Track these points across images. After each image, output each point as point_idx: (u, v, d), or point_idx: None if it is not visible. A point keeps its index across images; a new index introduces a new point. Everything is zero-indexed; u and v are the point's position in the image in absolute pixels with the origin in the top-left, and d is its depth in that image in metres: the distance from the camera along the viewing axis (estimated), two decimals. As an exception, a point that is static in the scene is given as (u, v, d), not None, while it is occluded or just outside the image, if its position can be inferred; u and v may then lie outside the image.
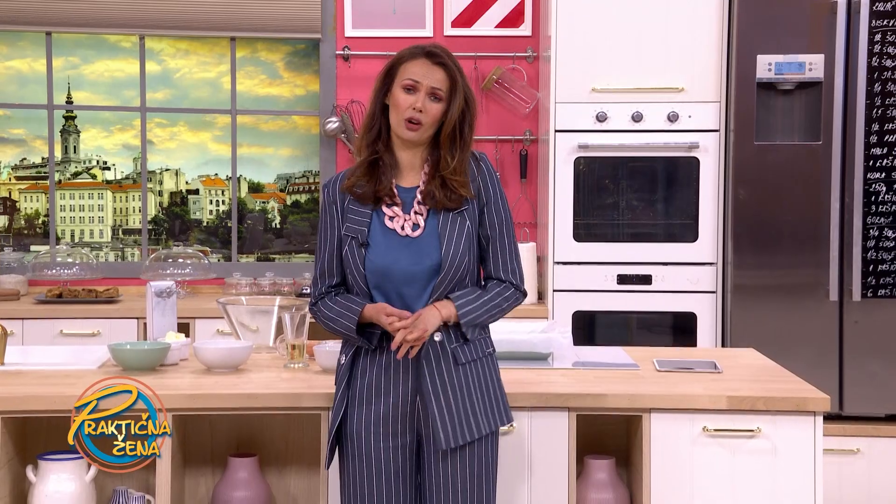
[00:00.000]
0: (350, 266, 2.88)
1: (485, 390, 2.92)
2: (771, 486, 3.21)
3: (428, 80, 2.85)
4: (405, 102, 2.85)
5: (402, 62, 2.89)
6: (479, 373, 2.92)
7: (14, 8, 5.59)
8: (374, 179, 2.89)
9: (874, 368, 4.88)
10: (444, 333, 2.86)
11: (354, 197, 2.91)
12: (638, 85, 5.01)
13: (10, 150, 5.89)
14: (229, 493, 3.36)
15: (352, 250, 2.88)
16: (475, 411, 2.89)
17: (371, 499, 2.88)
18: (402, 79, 2.86)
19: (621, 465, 3.47)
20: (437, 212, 2.88)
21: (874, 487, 4.84)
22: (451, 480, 2.87)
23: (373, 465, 2.88)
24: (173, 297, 3.85)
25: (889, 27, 4.83)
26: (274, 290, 5.42)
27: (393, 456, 2.88)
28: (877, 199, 4.87)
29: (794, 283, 4.92)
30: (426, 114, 2.85)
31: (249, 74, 5.87)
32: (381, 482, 2.88)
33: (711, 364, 3.64)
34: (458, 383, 2.88)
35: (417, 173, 2.93)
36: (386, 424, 2.88)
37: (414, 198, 2.90)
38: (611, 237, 5.09)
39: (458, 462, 2.87)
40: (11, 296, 5.29)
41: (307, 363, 3.58)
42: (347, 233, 2.89)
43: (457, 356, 2.88)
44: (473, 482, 2.88)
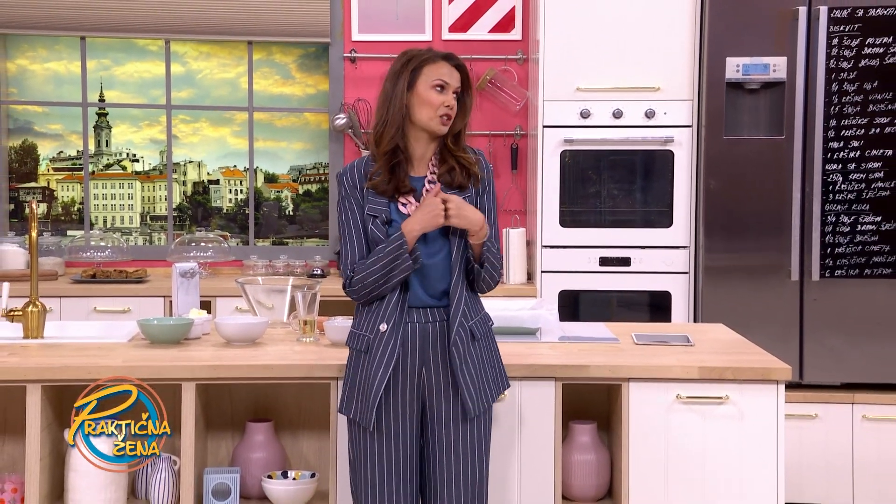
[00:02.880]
0: (377, 241, 2.87)
1: (494, 361, 2.97)
2: (738, 447, 3.21)
3: (453, 80, 2.89)
4: (438, 100, 2.87)
5: (426, 63, 2.90)
6: (487, 346, 2.95)
7: (52, 15, 5.58)
8: (395, 176, 2.89)
9: (831, 342, 4.88)
10: (463, 312, 2.87)
11: (377, 192, 2.90)
12: (618, 85, 4.99)
13: (49, 143, 5.87)
14: (247, 454, 3.36)
15: (377, 227, 2.87)
16: (488, 380, 2.92)
17: (378, 460, 2.88)
18: (432, 79, 2.87)
19: (602, 429, 3.47)
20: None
21: (830, 448, 4.85)
22: (453, 446, 2.88)
23: (385, 431, 2.87)
24: (196, 277, 3.84)
25: (845, 32, 4.82)
26: (287, 271, 5.42)
27: (405, 423, 2.88)
28: (834, 188, 4.87)
29: (760, 265, 4.91)
30: (453, 109, 2.90)
31: (265, 75, 5.85)
32: (390, 446, 2.87)
33: (684, 338, 3.64)
34: (476, 356, 2.90)
35: (425, 163, 2.95)
36: (402, 392, 2.87)
37: (423, 186, 2.91)
38: (593, 223, 5.08)
39: (458, 429, 2.87)
40: (50, 276, 5.28)
41: (318, 337, 3.57)
42: (371, 213, 2.89)
43: (474, 332, 2.90)
44: (471, 447, 2.89)
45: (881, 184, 4.85)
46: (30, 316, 3.58)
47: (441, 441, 2.88)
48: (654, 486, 3.22)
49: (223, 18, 5.63)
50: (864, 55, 4.82)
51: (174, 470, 3.25)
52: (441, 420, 2.88)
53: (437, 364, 2.87)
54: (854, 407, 4.85)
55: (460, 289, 2.87)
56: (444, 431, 2.88)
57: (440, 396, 2.88)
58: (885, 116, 4.83)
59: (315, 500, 3.30)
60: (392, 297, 2.86)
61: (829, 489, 4.86)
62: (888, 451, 4.83)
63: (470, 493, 2.88)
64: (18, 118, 5.84)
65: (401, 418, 2.87)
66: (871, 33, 4.82)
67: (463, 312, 2.87)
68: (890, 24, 4.80)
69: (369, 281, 2.85)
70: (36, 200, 5.11)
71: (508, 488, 3.21)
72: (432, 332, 2.87)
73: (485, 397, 2.89)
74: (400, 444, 2.87)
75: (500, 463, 3.19)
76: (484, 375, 2.91)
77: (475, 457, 2.90)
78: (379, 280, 2.83)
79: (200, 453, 3.27)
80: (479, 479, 2.91)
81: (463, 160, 2.91)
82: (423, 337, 2.87)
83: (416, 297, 2.87)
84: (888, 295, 4.87)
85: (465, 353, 2.86)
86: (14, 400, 3.28)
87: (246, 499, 3.32)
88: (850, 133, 4.85)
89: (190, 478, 3.17)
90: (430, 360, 2.88)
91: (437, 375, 2.87)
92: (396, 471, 2.88)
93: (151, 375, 3.14)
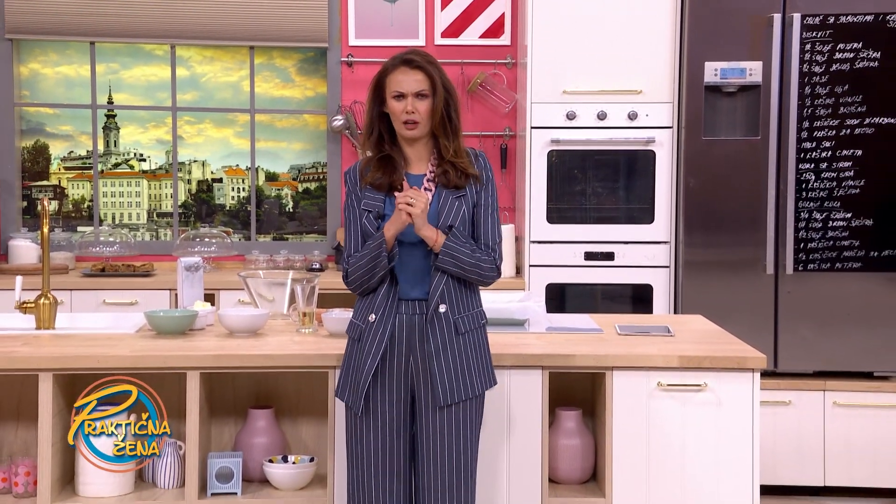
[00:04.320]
0: (370, 233, 2.88)
1: (479, 356, 2.93)
2: (715, 432, 3.21)
3: (411, 86, 2.86)
4: (398, 109, 2.88)
5: (387, 74, 2.90)
6: (474, 341, 2.92)
7: (63, 21, 5.57)
8: (388, 173, 2.90)
9: (804, 332, 4.89)
10: (448, 306, 2.86)
11: (373, 187, 2.91)
12: (602, 88, 4.99)
13: (60, 144, 5.85)
14: (249, 439, 3.35)
15: (370, 221, 2.89)
16: (470, 374, 2.89)
17: (371, 444, 2.88)
18: (391, 90, 2.88)
19: (587, 415, 3.47)
20: (440, 195, 2.89)
21: (802, 433, 4.86)
22: (440, 432, 2.87)
23: (374, 415, 2.87)
24: (200, 271, 3.83)
25: (817, 38, 4.82)
26: (287, 266, 5.41)
27: (393, 408, 2.88)
28: (807, 186, 4.87)
29: (736, 259, 4.92)
30: (418, 113, 2.87)
31: (266, 78, 5.84)
32: (382, 430, 2.88)
33: (665, 328, 3.64)
34: (457, 349, 2.88)
35: (425, 162, 2.95)
36: (390, 379, 2.87)
37: (422, 184, 2.91)
38: (579, 220, 5.07)
39: (448, 416, 2.87)
40: (61, 270, 5.27)
41: (316, 328, 3.57)
42: (365, 208, 2.90)
43: (458, 326, 2.88)
44: (459, 433, 2.88)
45: (851, 182, 4.86)
46: (42, 308, 3.58)
47: (429, 427, 2.88)
48: (636, 470, 3.22)
49: (226, 24, 5.63)
50: (835, 60, 4.83)
51: (179, 454, 3.24)
52: (428, 407, 2.87)
53: (422, 353, 2.87)
54: (825, 394, 4.86)
55: (443, 285, 2.86)
56: (430, 417, 2.87)
57: (426, 385, 2.88)
58: (855, 118, 4.84)
59: (314, 483, 3.30)
60: (381, 289, 2.87)
61: (801, 471, 4.87)
62: (857, 436, 4.84)
63: (458, 476, 2.88)
64: (31, 119, 5.82)
65: (388, 404, 2.88)
66: (842, 39, 4.82)
67: (447, 307, 2.86)
68: (860, 31, 4.81)
69: (358, 275, 2.88)
70: (48, 198, 5.09)
71: (498, 472, 3.21)
72: (419, 323, 2.87)
73: (462, 389, 2.86)
74: (388, 428, 2.88)
75: (490, 447, 3.19)
76: (465, 368, 2.88)
77: (463, 442, 2.89)
78: (364, 275, 2.86)
79: (205, 438, 3.27)
80: (467, 463, 2.90)
81: (458, 164, 2.89)
82: (411, 328, 2.87)
83: (404, 291, 2.89)
84: (858, 287, 4.88)
85: (442, 344, 2.85)
86: (27, 388, 3.27)
87: (248, 482, 3.32)
88: (822, 134, 4.85)
89: (195, 462, 3.16)
90: (417, 349, 2.88)
91: (423, 364, 2.87)
92: (387, 454, 2.88)
93: (158, 364, 3.14)
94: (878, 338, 4.87)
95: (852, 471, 4.85)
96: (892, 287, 4.88)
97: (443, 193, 2.90)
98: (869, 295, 4.87)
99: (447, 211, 2.88)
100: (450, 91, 2.92)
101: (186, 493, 3.17)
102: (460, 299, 2.91)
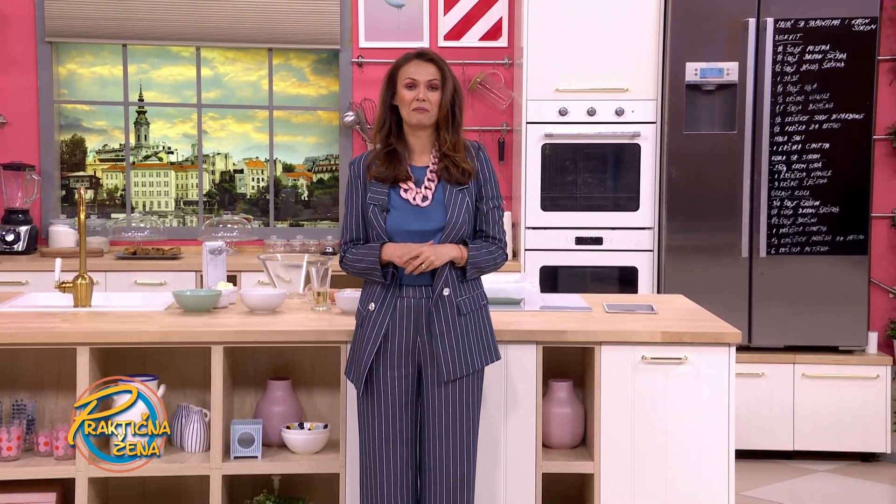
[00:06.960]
0: (374, 226, 2.85)
1: (480, 335, 2.91)
2: (695, 401, 3.21)
3: (423, 75, 2.83)
4: (409, 97, 2.83)
5: (400, 67, 2.87)
6: (477, 321, 2.90)
7: (97, 25, 5.56)
8: (393, 165, 2.86)
9: (775, 310, 4.89)
10: (452, 289, 2.84)
11: (377, 180, 2.88)
12: (592, 86, 4.97)
13: (95, 138, 5.84)
14: (269, 408, 3.35)
15: (375, 215, 2.85)
16: (472, 351, 2.87)
17: (380, 416, 2.87)
18: (403, 79, 2.85)
19: (578, 386, 3.47)
20: (444, 187, 2.86)
21: (774, 402, 4.87)
22: (444, 404, 2.86)
23: (382, 390, 2.86)
24: (223, 254, 3.83)
25: (789, 41, 4.81)
26: (303, 249, 5.40)
27: (398, 383, 2.87)
28: (779, 177, 4.86)
29: (714, 244, 4.91)
30: (428, 101, 2.83)
31: (283, 78, 5.82)
32: (388, 404, 2.86)
33: (649, 307, 3.64)
34: (461, 329, 2.86)
35: (427, 155, 2.91)
36: (394, 358, 2.86)
37: (425, 175, 2.88)
38: (570, 207, 5.07)
39: (451, 390, 2.86)
40: (96, 253, 5.26)
41: (330, 307, 3.56)
42: (371, 202, 2.87)
43: (460, 308, 2.86)
44: (461, 404, 2.87)
45: (820, 173, 4.85)
46: (79, 287, 3.57)
47: (434, 400, 2.86)
48: (622, 436, 3.22)
49: (247, 28, 5.61)
50: (805, 61, 4.81)
51: (205, 421, 3.25)
52: (434, 381, 2.86)
53: (429, 334, 2.85)
54: (795, 367, 4.87)
55: (446, 273, 2.84)
56: (435, 392, 2.86)
57: (431, 362, 2.86)
58: (823, 114, 4.83)
59: (327, 447, 3.30)
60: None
61: (773, 437, 4.88)
62: (824, 404, 4.85)
63: (460, 444, 2.87)
64: (69, 116, 5.81)
65: (396, 379, 2.85)
66: (812, 42, 4.80)
67: (451, 290, 2.84)
68: (828, 34, 4.79)
69: (355, 269, 2.88)
70: (84, 187, 5.06)
71: (496, 438, 3.21)
72: (425, 306, 2.85)
73: (465, 365, 2.84)
74: (396, 401, 2.85)
75: (489, 416, 3.19)
76: (467, 346, 2.85)
77: (465, 413, 2.87)
78: (361, 274, 2.88)
79: (228, 407, 3.27)
80: (468, 432, 2.88)
81: (453, 157, 2.85)
82: (417, 310, 2.85)
83: (408, 278, 2.84)
84: (825, 269, 4.88)
85: (446, 325, 2.83)
86: (66, 360, 3.27)
87: (267, 446, 3.32)
88: (793, 129, 4.84)
89: (219, 428, 3.16)
90: (424, 330, 2.86)
91: (429, 343, 2.85)
92: (395, 425, 2.86)
93: (185, 339, 3.15)
94: (843, 315, 4.87)
95: (819, 436, 4.87)
96: (856, 269, 4.88)
97: (447, 187, 2.87)
98: (835, 276, 4.87)
99: (452, 204, 2.85)
100: (457, 88, 2.89)
101: (211, 457, 3.17)
102: (461, 284, 2.87)
